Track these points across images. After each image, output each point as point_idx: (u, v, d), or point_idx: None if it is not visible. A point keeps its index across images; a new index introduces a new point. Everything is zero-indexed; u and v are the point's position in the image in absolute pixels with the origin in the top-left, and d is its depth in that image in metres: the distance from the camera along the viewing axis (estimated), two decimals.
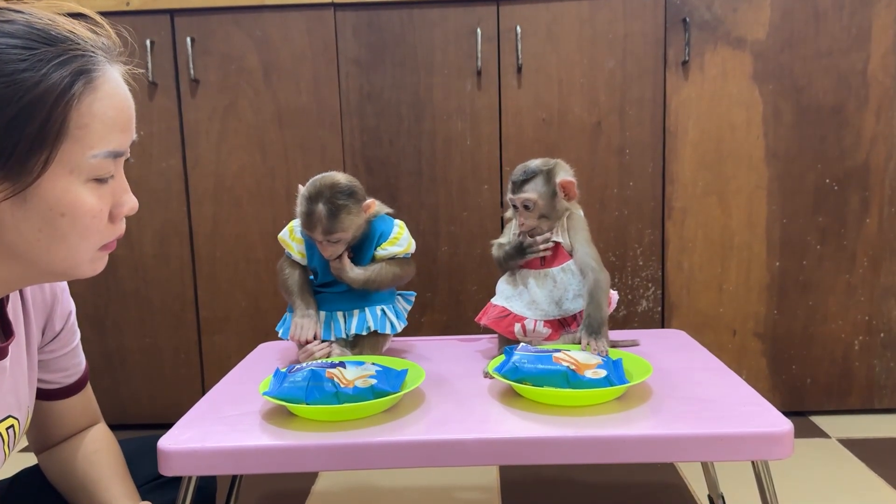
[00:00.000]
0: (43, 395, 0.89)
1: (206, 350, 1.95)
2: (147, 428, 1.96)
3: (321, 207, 1.08)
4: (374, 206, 1.15)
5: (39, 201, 0.64)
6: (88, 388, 0.96)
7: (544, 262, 1.14)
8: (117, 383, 1.96)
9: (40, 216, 0.65)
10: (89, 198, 0.67)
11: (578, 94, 1.82)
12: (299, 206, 1.12)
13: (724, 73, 1.79)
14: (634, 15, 1.79)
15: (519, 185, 1.12)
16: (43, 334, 0.85)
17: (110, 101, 0.66)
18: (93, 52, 0.66)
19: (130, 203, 0.73)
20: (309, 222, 1.10)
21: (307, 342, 1.13)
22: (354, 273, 1.13)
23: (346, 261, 1.13)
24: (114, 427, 1.04)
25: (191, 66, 1.82)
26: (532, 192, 1.11)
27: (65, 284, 0.88)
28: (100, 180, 0.68)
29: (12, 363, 0.78)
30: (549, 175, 1.12)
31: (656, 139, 1.83)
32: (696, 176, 1.83)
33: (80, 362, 0.93)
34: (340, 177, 1.13)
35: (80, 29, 0.67)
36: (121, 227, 0.73)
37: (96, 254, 0.71)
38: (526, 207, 1.12)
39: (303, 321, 1.13)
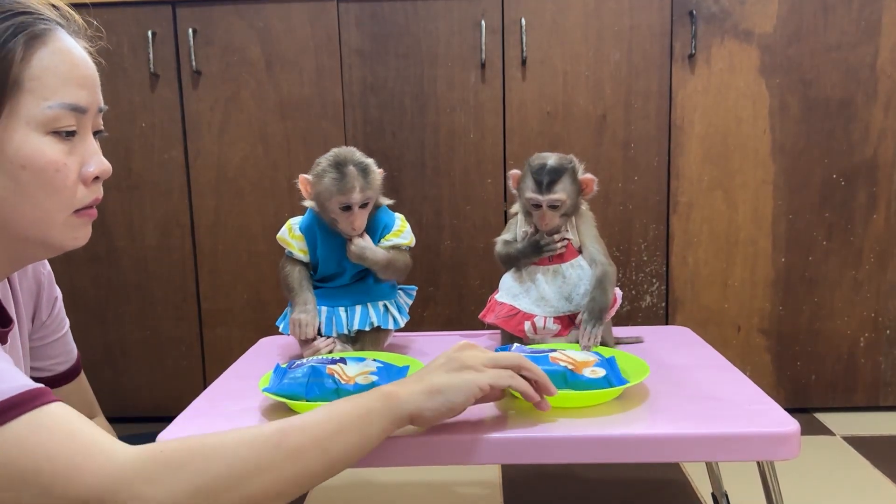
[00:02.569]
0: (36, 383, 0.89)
1: (207, 342, 1.94)
2: (148, 420, 1.96)
3: (353, 168, 1.09)
4: (381, 175, 1.15)
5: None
6: (83, 379, 0.95)
7: (553, 259, 1.13)
8: (118, 375, 1.96)
9: (3, 171, 0.65)
10: (49, 149, 0.67)
11: (583, 87, 1.80)
12: (328, 175, 1.09)
13: (730, 67, 1.78)
14: (640, 7, 1.77)
15: (547, 186, 1.07)
16: (32, 322, 0.85)
17: (62, 56, 0.68)
18: (41, 13, 0.68)
19: (101, 165, 0.72)
20: (345, 186, 1.08)
21: (307, 339, 1.12)
22: (379, 253, 1.12)
23: (369, 239, 1.12)
24: (114, 419, 1.04)
25: (192, 57, 1.80)
26: (562, 192, 1.08)
27: (50, 271, 0.88)
28: (61, 135, 0.68)
29: (11, 350, 0.78)
30: (573, 173, 1.10)
31: (662, 133, 1.81)
32: (702, 170, 1.82)
33: (70, 350, 0.92)
34: (351, 147, 1.15)
35: (37, 2, 0.69)
36: (96, 190, 0.73)
37: (70, 218, 0.71)
38: (552, 207, 1.09)
39: (300, 318, 1.12)
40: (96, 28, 0.75)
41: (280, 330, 1.18)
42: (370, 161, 1.13)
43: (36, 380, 0.88)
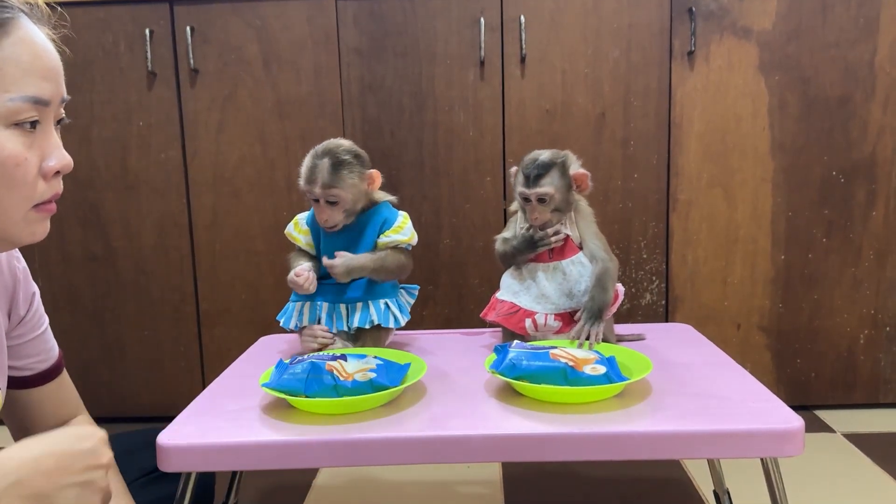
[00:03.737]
0: (17, 383, 0.87)
1: (205, 342, 1.93)
2: (146, 421, 1.95)
3: (325, 161, 1.10)
4: (378, 179, 1.15)
5: None
6: (65, 377, 0.94)
7: (553, 256, 1.12)
8: (116, 376, 1.95)
9: None
10: (10, 143, 0.65)
11: (583, 84, 1.80)
12: (304, 165, 1.12)
13: (729, 64, 1.77)
14: (639, 4, 1.76)
15: (534, 179, 1.08)
16: (9, 319, 0.84)
17: (25, 46, 0.65)
18: (3, 0, 0.65)
19: (62, 159, 0.70)
20: (311, 176, 1.10)
21: (313, 330, 1.12)
22: (362, 259, 1.11)
23: (346, 254, 1.11)
24: (113, 420, 1.03)
25: (190, 55, 1.80)
26: (549, 185, 1.08)
27: (25, 266, 0.86)
28: (23, 128, 0.65)
29: None
30: (563, 167, 1.09)
31: (661, 130, 1.81)
32: (701, 168, 1.81)
33: (51, 347, 0.91)
34: (347, 141, 1.15)
35: None
36: (56, 185, 0.70)
37: (31, 213, 0.69)
38: (541, 201, 1.09)
39: (291, 276, 1.13)
40: (60, 15, 0.72)
41: (281, 324, 1.17)
42: (353, 160, 1.11)
43: (17, 379, 0.87)
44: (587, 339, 1.06)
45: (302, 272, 1.12)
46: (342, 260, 1.11)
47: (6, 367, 0.84)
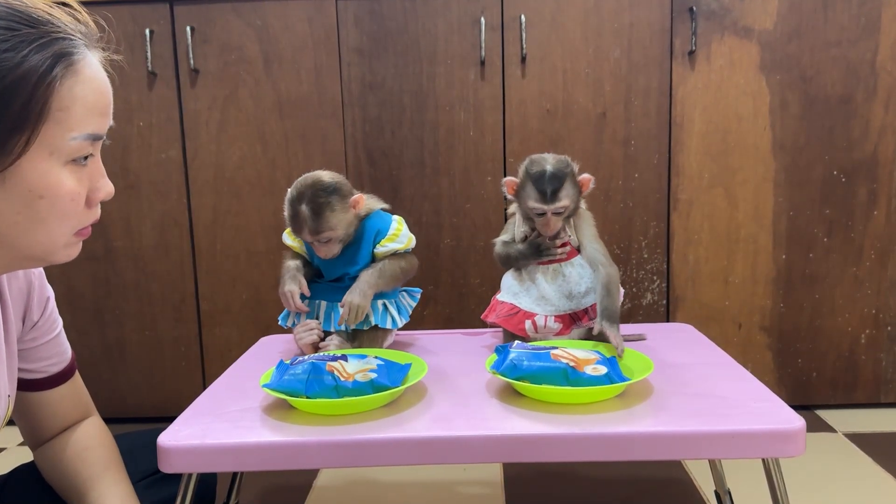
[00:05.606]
0: (29, 385, 0.87)
1: (206, 342, 1.93)
2: (147, 421, 1.95)
3: (304, 208, 1.07)
4: (363, 201, 1.13)
5: (19, 182, 0.64)
6: (77, 379, 0.94)
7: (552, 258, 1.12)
8: (117, 376, 1.95)
9: (20, 198, 0.65)
10: (68, 180, 0.67)
11: (583, 84, 1.79)
12: (286, 211, 1.10)
13: (730, 64, 1.77)
14: (640, 4, 1.76)
15: (552, 195, 1.06)
16: (23, 323, 0.84)
17: (90, 85, 0.67)
18: (72, 35, 0.66)
19: (107, 188, 0.73)
20: (295, 225, 1.09)
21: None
22: (363, 285, 1.10)
23: (347, 297, 1.10)
24: (113, 420, 1.03)
25: (190, 55, 1.79)
26: (566, 198, 1.07)
27: (41, 271, 0.87)
28: (79, 163, 0.68)
29: None
30: (573, 176, 1.09)
31: (662, 130, 1.80)
32: (702, 167, 1.81)
33: (64, 350, 0.91)
34: (323, 175, 1.11)
35: (58, 13, 0.67)
36: (96, 213, 0.73)
37: (71, 238, 0.71)
38: (557, 213, 1.09)
39: (287, 289, 1.13)
40: (100, 28, 0.74)
41: (279, 323, 1.17)
42: (332, 197, 1.08)
43: (30, 381, 0.87)
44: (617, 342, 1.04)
45: (296, 292, 1.13)
46: (349, 301, 1.09)
47: (16, 373, 0.84)
